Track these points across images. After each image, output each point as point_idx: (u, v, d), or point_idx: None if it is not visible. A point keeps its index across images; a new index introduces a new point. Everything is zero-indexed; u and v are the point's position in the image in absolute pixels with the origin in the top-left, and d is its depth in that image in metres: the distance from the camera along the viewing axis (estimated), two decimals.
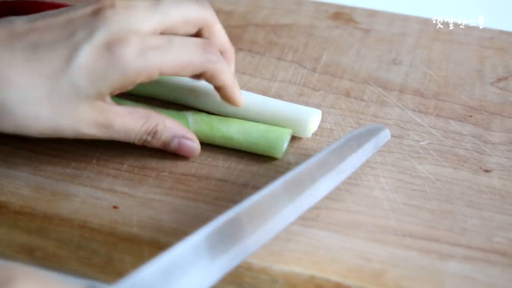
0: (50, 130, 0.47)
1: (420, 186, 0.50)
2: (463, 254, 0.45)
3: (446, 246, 0.45)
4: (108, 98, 0.48)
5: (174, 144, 0.51)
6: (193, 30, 0.51)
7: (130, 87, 0.48)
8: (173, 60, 0.47)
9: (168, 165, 0.52)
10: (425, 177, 0.50)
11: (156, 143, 0.51)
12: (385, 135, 0.51)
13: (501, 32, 0.67)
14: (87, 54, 0.45)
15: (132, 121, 0.49)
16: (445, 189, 0.50)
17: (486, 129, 0.55)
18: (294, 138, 0.54)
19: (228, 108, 0.54)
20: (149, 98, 0.57)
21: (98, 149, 0.53)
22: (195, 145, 0.52)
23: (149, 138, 0.50)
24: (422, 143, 0.54)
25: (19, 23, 0.47)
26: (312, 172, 0.46)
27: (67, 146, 0.53)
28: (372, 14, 0.70)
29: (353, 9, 0.70)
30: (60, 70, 0.45)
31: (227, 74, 0.51)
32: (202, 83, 0.55)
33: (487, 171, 0.51)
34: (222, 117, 0.54)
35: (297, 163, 0.51)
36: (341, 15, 0.69)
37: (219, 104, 0.54)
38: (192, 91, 0.55)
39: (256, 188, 0.50)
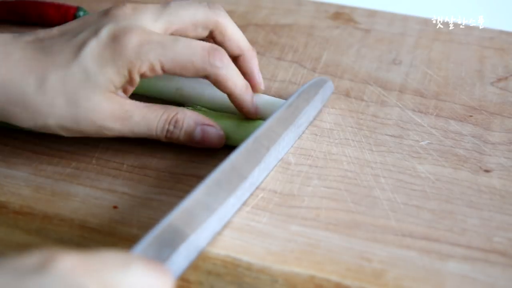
0: (69, 121, 0.48)
1: (420, 186, 0.50)
2: (463, 254, 0.45)
3: (446, 246, 0.45)
4: (122, 93, 0.49)
5: (198, 133, 0.50)
6: (204, 33, 0.52)
7: (137, 78, 0.48)
8: (174, 57, 0.48)
9: (168, 165, 0.52)
10: (425, 177, 0.50)
11: (180, 134, 0.50)
12: (329, 87, 0.56)
13: (501, 32, 0.67)
14: (95, 44, 0.47)
15: (151, 112, 0.49)
16: (445, 189, 0.50)
17: (486, 129, 0.55)
18: None
19: (213, 107, 0.54)
20: (135, 95, 0.57)
21: (98, 149, 0.53)
22: (220, 132, 0.51)
23: (171, 127, 0.49)
24: (422, 143, 0.54)
25: (41, 32, 0.50)
26: (274, 128, 0.50)
27: (67, 146, 0.53)
28: (372, 14, 0.70)
29: (353, 9, 0.70)
30: (71, 59, 0.47)
31: (235, 82, 0.50)
32: (189, 82, 0.55)
33: (487, 171, 0.51)
34: (214, 114, 0.53)
35: (297, 163, 0.52)
36: (341, 15, 0.69)
37: (204, 103, 0.54)
38: (179, 89, 0.55)
39: (256, 188, 0.50)
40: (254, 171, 0.48)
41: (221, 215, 0.45)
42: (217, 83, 0.50)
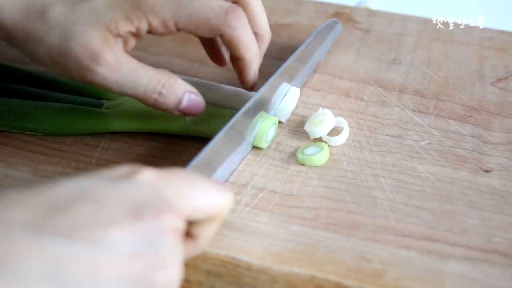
0: (57, 53, 0.47)
1: (420, 186, 0.50)
2: (463, 254, 0.45)
3: (446, 246, 0.45)
4: (120, 44, 0.48)
5: (185, 100, 0.49)
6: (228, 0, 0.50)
7: (144, 29, 0.47)
8: (189, 14, 0.47)
9: (168, 165, 0.51)
10: (425, 177, 0.51)
11: (169, 100, 0.48)
12: (338, 28, 0.64)
13: (501, 32, 0.67)
14: None
15: (143, 69, 0.48)
16: (445, 189, 0.50)
17: (486, 129, 0.55)
18: (294, 141, 0.54)
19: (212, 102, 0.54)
20: None
21: (98, 149, 0.53)
22: (202, 100, 0.50)
23: (163, 90, 0.48)
24: (422, 143, 0.54)
25: None
26: (293, 65, 0.56)
27: (67, 146, 0.53)
28: (372, 14, 0.70)
29: (353, 9, 0.70)
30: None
31: (248, 47, 0.50)
32: (188, 78, 0.55)
33: (487, 171, 0.51)
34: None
35: (297, 163, 0.52)
36: (341, 15, 0.69)
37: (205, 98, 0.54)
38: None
39: (255, 188, 0.50)
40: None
41: (249, 141, 0.52)
42: (230, 44, 0.49)
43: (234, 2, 0.51)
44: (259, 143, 0.52)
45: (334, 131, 0.54)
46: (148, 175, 0.37)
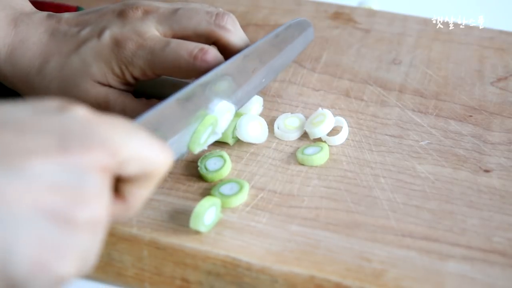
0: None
1: (420, 186, 0.50)
2: (462, 254, 0.45)
3: (446, 246, 0.45)
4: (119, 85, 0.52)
5: None
6: (208, 42, 0.53)
7: (130, 80, 0.51)
8: (161, 62, 0.50)
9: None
10: (424, 177, 0.51)
11: None
12: (311, 32, 0.58)
13: (501, 32, 0.67)
14: (96, 44, 0.51)
15: (131, 105, 0.51)
16: (445, 189, 0.50)
17: (486, 129, 0.55)
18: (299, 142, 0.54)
19: None
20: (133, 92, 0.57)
21: None
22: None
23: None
24: (422, 143, 0.54)
25: (66, 15, 0.53)
26: (257, 57, 0.53)
27: None
28: (372, 14, 0.70)
29: (353, 9, 0.70)
30: (73, 51, 0.51)
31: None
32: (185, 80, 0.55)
33: (487, 171, 0.51)
34: None
35: (297, 163, 0.52)
36: (341, 15, 0.69)
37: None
38: (176, 86, 0.56)
39: (255, 188, 0.50)
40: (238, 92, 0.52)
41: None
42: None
43: (214, 42, 0.53)
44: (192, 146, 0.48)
45: (334, 131, 0.54)
46: (82, 111, 0.35)
